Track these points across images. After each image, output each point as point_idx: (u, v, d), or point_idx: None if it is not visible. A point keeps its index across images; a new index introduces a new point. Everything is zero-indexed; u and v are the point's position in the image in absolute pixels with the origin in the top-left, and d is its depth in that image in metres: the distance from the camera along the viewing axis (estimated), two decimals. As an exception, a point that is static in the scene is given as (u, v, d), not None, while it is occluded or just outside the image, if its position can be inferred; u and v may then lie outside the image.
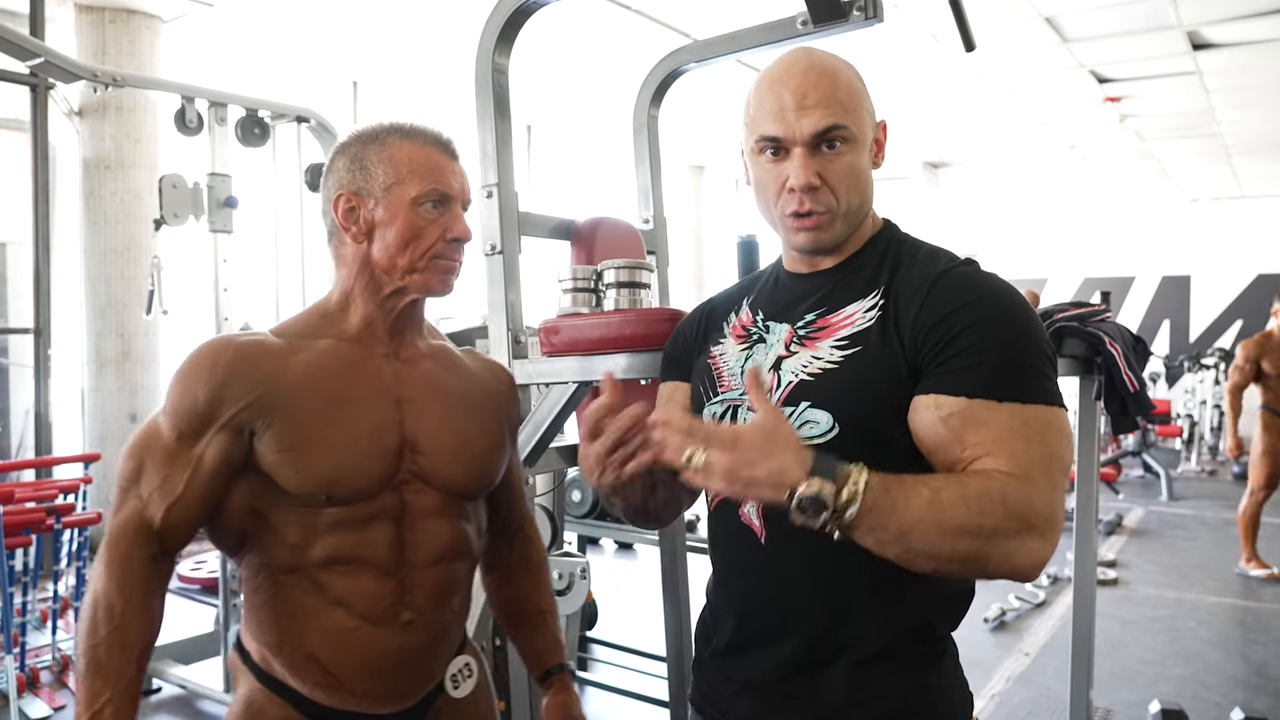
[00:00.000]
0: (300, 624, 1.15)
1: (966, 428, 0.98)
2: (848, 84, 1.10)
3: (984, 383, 0.99)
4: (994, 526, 0.91)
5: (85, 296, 5.30)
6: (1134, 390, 1.95)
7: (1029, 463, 0.96)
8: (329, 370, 1.17)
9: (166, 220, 3.32)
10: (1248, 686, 3.62)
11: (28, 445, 5.25)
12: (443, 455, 1.22)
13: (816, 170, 1.08)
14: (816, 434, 1.05)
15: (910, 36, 5.70)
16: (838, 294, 1.13)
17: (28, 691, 3.38)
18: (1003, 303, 1.04)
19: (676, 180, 10.03)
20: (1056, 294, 11.70)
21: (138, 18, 5.25)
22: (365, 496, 1.15)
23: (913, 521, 0.91)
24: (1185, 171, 10.00)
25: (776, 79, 1.11)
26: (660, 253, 2.23)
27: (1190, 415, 9.40)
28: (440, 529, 1.22)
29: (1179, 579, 5.23)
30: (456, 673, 1.29)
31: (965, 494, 0.92)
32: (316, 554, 1.14)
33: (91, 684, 1.05)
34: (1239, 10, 5.23)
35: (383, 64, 6.51)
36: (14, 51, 3.09)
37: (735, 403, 1.16)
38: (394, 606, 1.17)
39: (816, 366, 1.09)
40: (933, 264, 1.10)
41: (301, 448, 1.12)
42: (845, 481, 0.90)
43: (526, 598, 1.42)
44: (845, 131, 1.08)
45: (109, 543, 1.10)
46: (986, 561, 0.93)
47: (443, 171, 1.20)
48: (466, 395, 1.29)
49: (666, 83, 2.18)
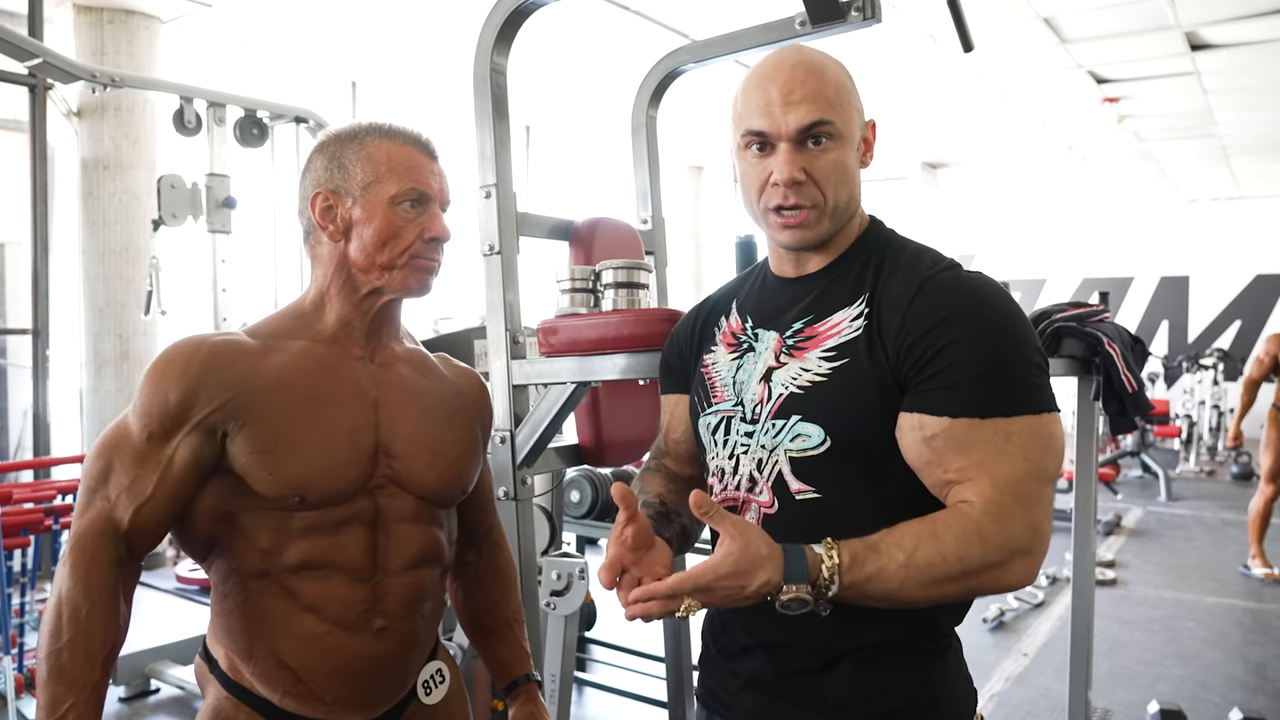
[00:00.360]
0: (270, 630, 1.13)
1: (949, 450, 1.00)
2: (835, 81, 1.10)
3: (966, 401, 0.99)
4: (976, 565, 0.95)
5: (83, 297, 5.30)
6: (1132, 391, 1.95)
7: (1009, 486, 0.97)
8: (303, 372, 1.15)
9: (165, 221, 3.33)
10: (1246, 687, 3.62)
11: (26, 446, 5.24)
12: (417, 461, 1.20)
13: (802, 165, 1.08)
14: (809, 446, 1.06)
15: (908, 37, 5.70)
16: (824, 301, 1.13)
17: (26, 692, 3.38)
18: (985, 311, 1.04)
19: (675, 181, 10.03)
20: (1055, 294, 11.72)
21: (136, 18, 5.24)
22: (339, 500, 1.14)
23: (895, 586, 0.95)
24: (1183, 172, 10.01)
25: (764, 75, 1.11)
26: (659, 253, 2.23)
27: (1189, 416, 9.41)
28: (414, 535, 1.21)
29: (1177, 579, 5.24)
30: (429, 679, 1.28)
31: (942, 547, 0.95)
32: (288, 559, 1.12)
33: (54, 690, 1.02)
34: (1237, 11, 5.24)
35: (381, 64, 6.51)
36: (12, 52, 3.10)
37: (729, 414, 1.16)
38: (366, 613, 1.16)
39: (806, 379, 1.09)
40: (915, 269, 1.10)
41: (274, 450, 1.10)
42: (819, 573, 0.94)
43: (495, 606, 1.40)
44: (831, 127, 1.08)
45: (74, 545, 1.06)
46: (978, 591, 0.99)
47: (421, 171, 1.19)
48: (441, 401, 1.28)
49: (665, 83, 2.18)
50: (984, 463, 0.98)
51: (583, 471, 3.46)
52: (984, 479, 0.97)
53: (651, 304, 1.77)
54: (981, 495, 0.97)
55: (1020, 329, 1.04)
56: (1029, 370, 1.02)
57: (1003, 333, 1.02)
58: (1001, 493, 0.97)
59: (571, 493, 4.72)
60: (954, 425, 0.99)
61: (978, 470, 0.98)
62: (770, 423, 1.10)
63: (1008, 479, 0.97)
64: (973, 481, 0.98)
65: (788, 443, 1.08)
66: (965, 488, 0.98)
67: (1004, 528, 0.95)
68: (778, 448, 1.09)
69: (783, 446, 1.08)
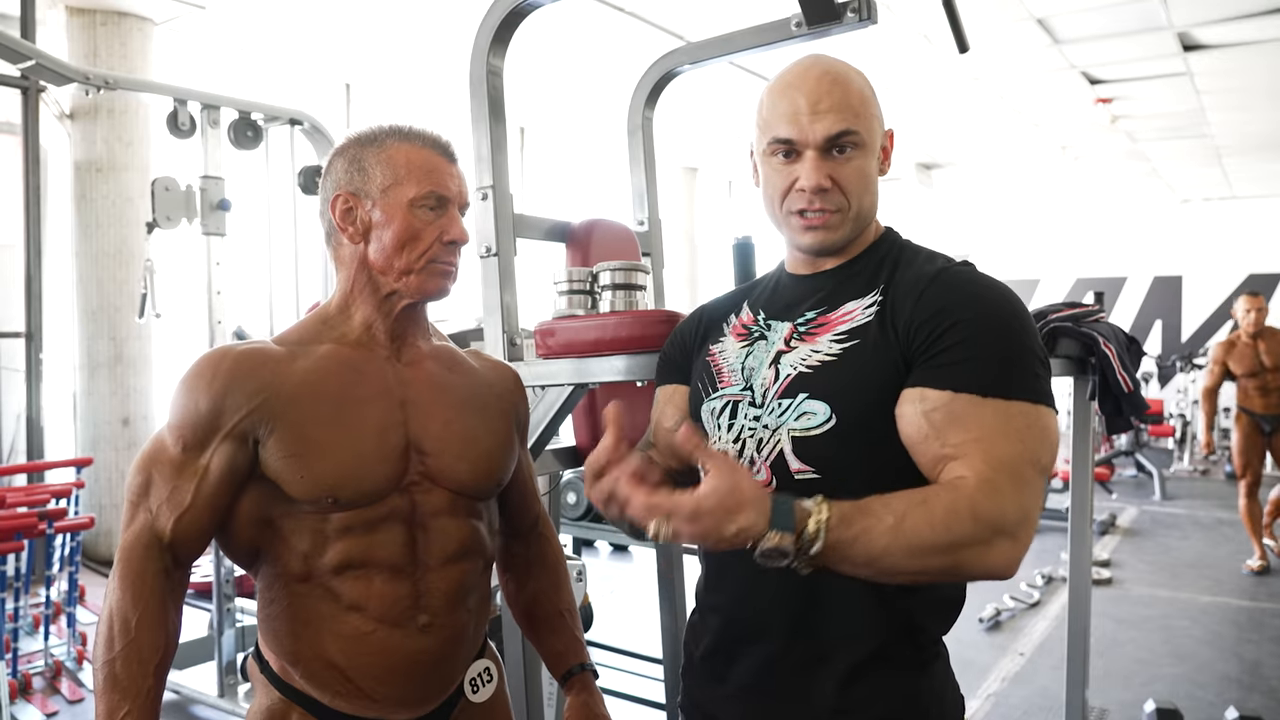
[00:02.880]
0: (316, 631, 1.15)
1: (948, 424, 1.00)
2: (859, 91, 1.13)
3: (970, 378, 1.00)
4: (963, 538, 0.93)
5: (77, 300, 5.28)
6: (1128, 390, 1.96)
7: (1003, 465, 0.97)
8: (330, 374, 1.17)
9: (159, 223, 3.31)
10: (1241, 685, 3.63)
11: (19, 450, 5.22)
12: (448, 455, 1.21)
13: (828, 173, 1.11)
14: (814, 424, 1.07)
15: (903, 38, 5.71)
16: (838, 293, 1.15)
17: (20, 698, 3.36)
18: (996, 301, 1.06)
19: (671, 182, 10.02)
20: (1049, 294, 11.74)
21: (129, 20, 5.23)
22: (372, 499, 1.15)
23: (880, 550, 0.92)
24: (1176, 172, 10.04)
25: (790, 83, 1.13)
26: (655, 254, 2.23)
27: (1183, 415, 9.44)
28: (451, 528, 1.21)
29: (1173, 578, 5.25)
30: (476, 676, 1.29)
31: (931, 516, 0.93)
32: (328, 560, 1.14)
33: (110, 698, 1.05)
34: (1229, 12, 5.26)
35: (376, 66, 6.50)
36: (5, 54, 3.08)
37: (735, 398, 1.17)
38: (410, 609, 1.17)
39: (815, 359, 1.10)
40: (930, 264, 1.13)
41: (305, 453, 1.12)
42: (805, 524, 0.91)
43: (546, 598, 1.41)
44: (857, 137, 1.11)
45: (121, 557, 1.10)
46: (959, 570, 0.96)
47: (440, 174, 1.20)
48: (471, 395, 1.29)
49: (661, 85, 2.18)
50: (982, 439, 0.98)
51: (579, 473, 3.45)
52: (979, 456, 0.97)
53: (649, 305, 1.77)
54: (976, 472, 0.97)
55: (1028, 327, 1.06)
56: (1033, 362, 1.04)
57: (1010, 324, 1.04)
58: (996, 471, 0.96)
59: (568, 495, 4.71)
60: (955, 400, 1.00)
61: (975, 446, 0.98)
62: (776, 402, 1.11)
63: (1003, 458, 0.97)
64: (968, 458, 0.98)
65: (792, 421, 1.08)
66: (960, 464, 0.98)
67: (996, 504, 0.94)
68: (781, 427, 1.09)
69: (786, 426, 1.09)
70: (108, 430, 5.27)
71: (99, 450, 5.20)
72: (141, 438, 5.36)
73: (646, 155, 2.22)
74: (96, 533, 5.17)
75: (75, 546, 3.81)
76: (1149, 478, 8.15)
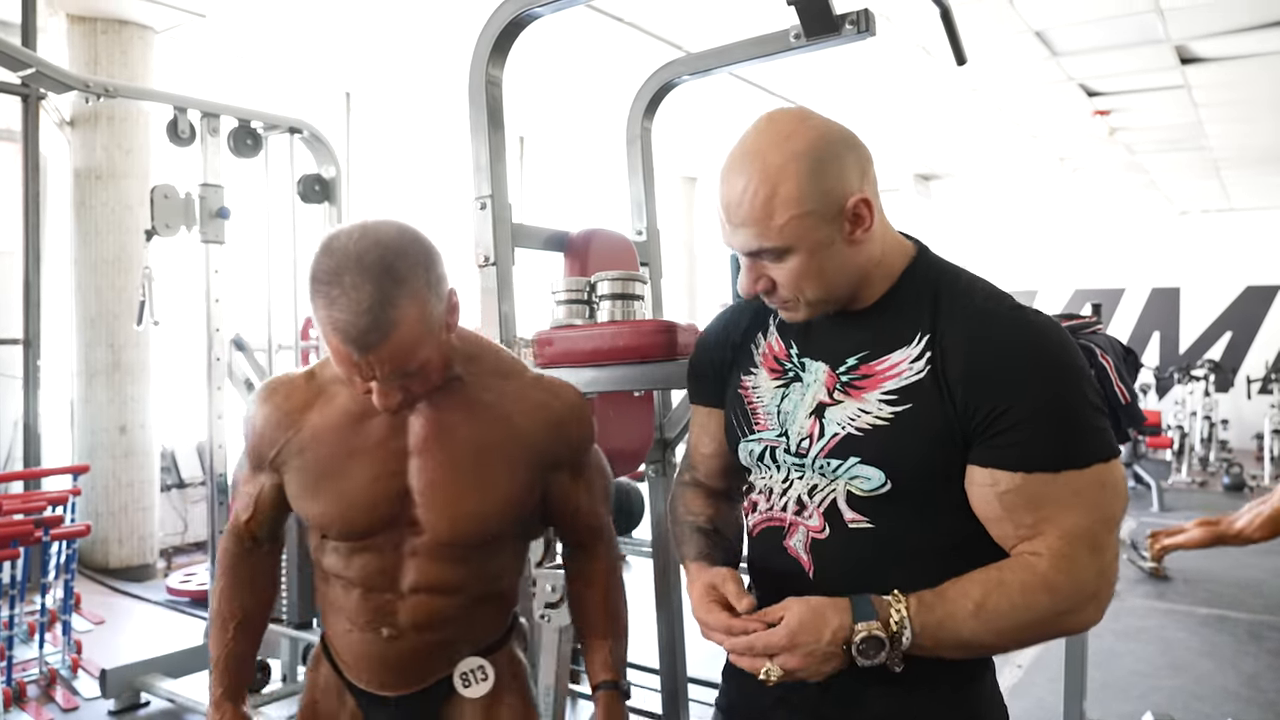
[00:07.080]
0: (326, 616, 1.37)
1: (1020, 506, 1.01)
2: (786, 192, 1.01)
3: (1038, 456, 1.00)
4: (1045, 614, 0.99)
5: (75, 307, 5.27)
6: (1126, 402, 1.95)
7: (1078, 538, 1.00)
8: (342, 422, 1.27)
9: (158, 231, 3.31)
10: (1239, 698, 3.62)
11: (16, 457, 5.21)
12: (432, 510, 1.27)
13: (761, 274, 1.07)
14: (869, 488, 1.06)
15: (902, 50, 5.73)
16: (880, 339, 1.09)
17: (14, 706, 3.35)
18: (1053, 357, 1.03)
19: (669, 192, 10.04)
20: (1047, 306, 11.73)
21: (130, 28, 5.24)
22: (361, 537, 1.28)
23: (967, 636, 0.99)
24: (1174, 184, 10.06)
25: (723, 173, 1.07)
26: (654, 264, 2.23)
27: (1180, 427, 9.43)
28: (429, 568, 1.29)
29: (1170, 590, 5.25)
30: (469, 672, 1.36)
31: (1010, 597, 0.98)
32: (325, 564, 1.33)
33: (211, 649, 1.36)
34: (1226, 25, 5.28)
35: (376, 75, 6.52)
36: (5, 62, 3.08)
37: (772, 444, 1.15)
38: (372, 622, 1.30)
39: (865, 421, 1.07)
40: (972, 304, 1.07)
41: (304, 495, 1.29)
42: (888, 613, 0.97)
43: (586, 612, 1.47)
44: (772, 251, 1.04)
45: (221, 540, 1.42)
46: (1053, 635, 1.04)
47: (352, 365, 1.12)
48: (480, 445, 1.27)
49: (660, 95, 2.19)
50: (1056, 516, 1.00)
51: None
52: (1053, 532, 1.00)
53: (647, 315, 1.78)
54: (1050, 549, 1.00)
55: (1081, 373, 1.03)
56: (1093, 415, 1.02)
57: (1066, 380, 1.02)
58: (1070, 545, 0.99)
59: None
60: (1027, 481, 1.00)
61: (1048, 525, 1.00)
62: (825, 460, 1.09)
63: (1076, 531, 1.00)
64: (1043, 536, 1.00)
65: (847, 480, 1.08)
66: (1036, 541, 1.01)
67: (1072, 578, 0.99)
68: (837, 481, 1.09)
69: (842, 480, 1.08)
70: (105, 438, 5.26)
71: (96, 458, 5.18)
72: (138, 445, 5.35)
73: (645, 165, 2.22)
74: (92, 540, 5.15)
75: (71, 554, 3.80)
76: (1147, 489, 8.14)
